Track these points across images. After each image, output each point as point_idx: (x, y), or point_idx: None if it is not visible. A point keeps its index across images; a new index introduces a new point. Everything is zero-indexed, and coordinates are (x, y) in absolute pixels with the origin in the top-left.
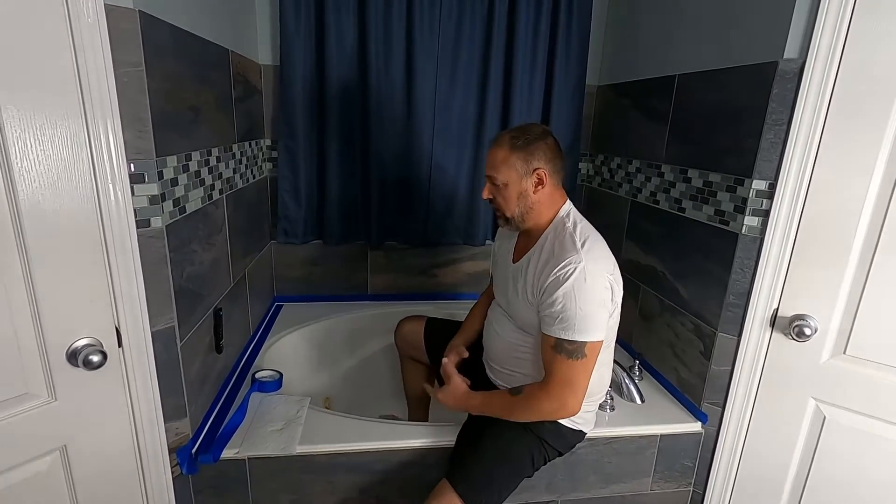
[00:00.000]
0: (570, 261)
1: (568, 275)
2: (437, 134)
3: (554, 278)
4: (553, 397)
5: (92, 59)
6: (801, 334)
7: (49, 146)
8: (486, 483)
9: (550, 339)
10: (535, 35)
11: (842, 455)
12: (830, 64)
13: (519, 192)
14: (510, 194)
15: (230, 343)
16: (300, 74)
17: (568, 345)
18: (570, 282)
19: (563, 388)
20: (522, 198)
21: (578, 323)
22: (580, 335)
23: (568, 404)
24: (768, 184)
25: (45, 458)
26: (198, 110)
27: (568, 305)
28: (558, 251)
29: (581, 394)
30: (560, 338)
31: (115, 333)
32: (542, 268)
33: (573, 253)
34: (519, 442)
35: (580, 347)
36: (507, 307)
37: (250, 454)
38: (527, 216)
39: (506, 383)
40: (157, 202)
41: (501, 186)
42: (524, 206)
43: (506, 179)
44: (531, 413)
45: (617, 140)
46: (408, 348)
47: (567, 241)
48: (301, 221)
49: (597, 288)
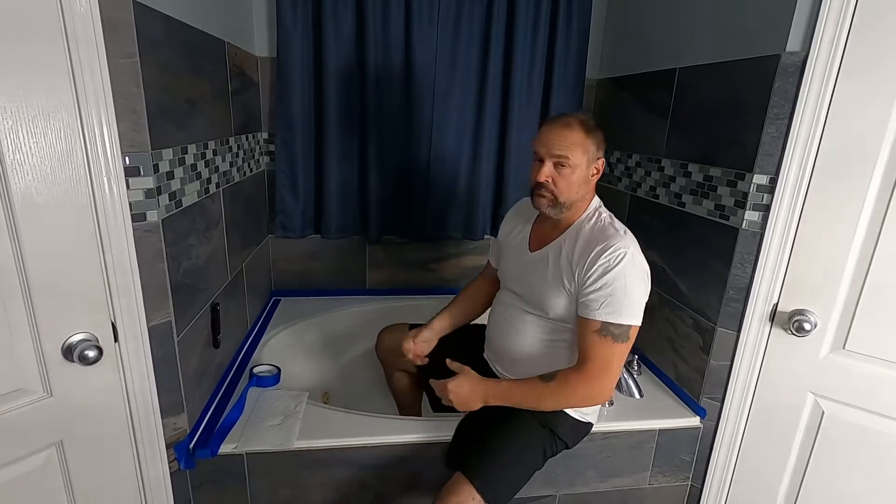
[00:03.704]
0: (619, 246)
1: (619, 259)
2: (435, 127)
3: (604, 262)
4: (590, 381)
5: (85, 49)
6: (800, 329)
7: (42, 138)
8: (503, 477)
9: (594, 322)
10: (534, 27)
11: (840, 450)
12: (833, 57)
13: (584, 178)
14: (576, 178)
15: (228, 338)
16: (297, 67)
17: (615, 328)
18: (620, 266)
19: (602, 372)
20: (584, 184)
21: (626, 306)
22: (628, 318)
23: (605, 389)
24: (769, 178)
25: (41, 453)
26: (193, 103)
27: (618, 289)
28: (601, 237)
29: (615, 379)
30: (607, 321)
31: (112, 328)
32: (580, 253)
33: (621, 239)
34: (533, 434)
35: (626, 331)
36: (528, 297)
37: (248, 449)
38: (576, 203)
39: (517, 377)
40: (152, 196)
41: (568, 169)
42: (581, 193)
43: (578, 162)
44: (564, 399)
45: (617, 134)
46: (392, 360)
47: (609, 228)
48: (299, 215)
49: (643, 274)
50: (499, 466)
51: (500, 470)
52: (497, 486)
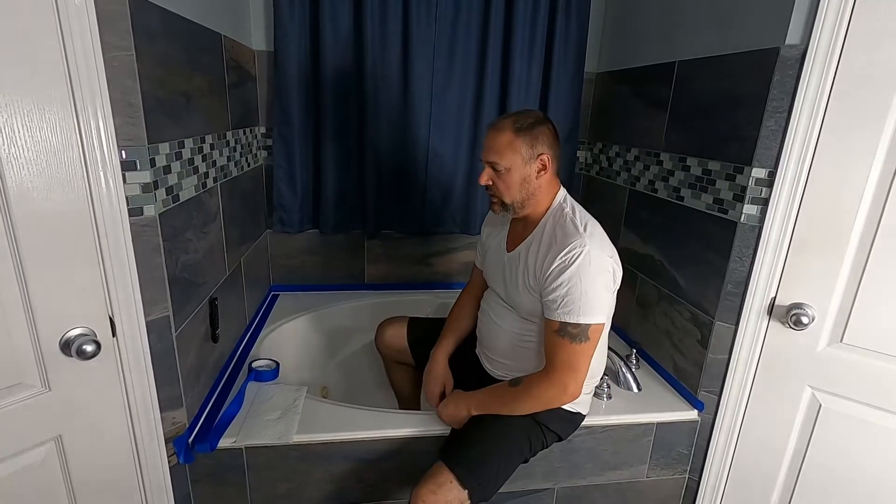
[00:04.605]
0: (575, 245)
1: (574, 258)
2: (433, 121)
3: (560, 262)
4: (555, 382)
5: (80, 42)
6: (798, 323)
7: (37, 132)
8: (481, 464)
9: (554, 323)
10: (533, 20)
11: (837, 443)
12: (833, 50)
13: (523, 178)
14: (513, 180)
15: (226, 332)
16: (295, 61)
17: (572, 328)
18: (575, 265)
19: (564, 372)
20: (525, 183)
21: (583, 306)
22: (584, 318)
23: (569, 389)
24: (768, 172)
25: (40, 448)
26: (190, 96)
27: (573, 289)
28: (560, 236)
29: (582, 378)
30: (564, 321)
31: (109, 323)
32: (544, 254)
33: (577, 237)
34: (515, 424)
35: (584, 330)
36: (506, 297)
37: (247, 443)
38: (527, 202)
39: (507, 374)
40: (149, 190)
41: (503, 171)
42: (526, 192)
43: (509, 164)
44: (534, 402)
45: (615, 128)
46: (391, 353)
47: (569, 225)
48: (297, 210)
49: (601, 271)
50: (478, 453)
51: (478, 456)
52: (477, 473)
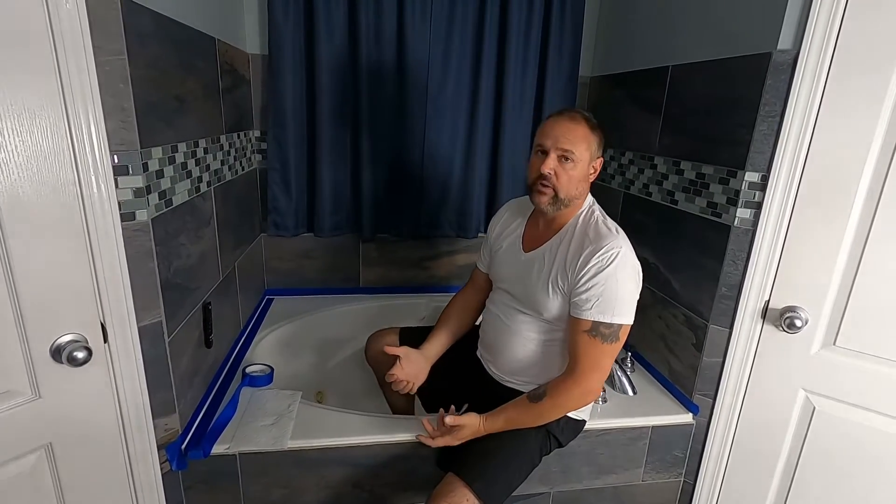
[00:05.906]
0: (612, 246)
1: (612, 259)
2: (428, 125)
3: (597, 262)
4: (580, 382)
5: (71, 45)
6: (791, 326)
7: (28, 136)
8: (500, 478)
9: (585, 322)
10: (528, 24)
11: (831, 445)
12: (824, 55)
13: (584, 175)
14: (577, 174)
15: (220, 337)
16: (289, 64)
17: (605, 328)
18: (612, 266)
19: (591, 372)
20: (583, 181)
21: (617, 306)
22: (618, 318)
23: (594, 388)
24: (761, 176)
25: (30, 456)
26: (183, 100)
27: (609, 288)
28: (594, 237)
29: (604, 378)
30: (597, 320)
31: (101, 329)
32: (575, 253)
33: (613, 238)
34: (529, 434)
35: (616, 331)
36: (522, 297)
37: (241, 449)
38: (574, 201)
39: (513, 377)
40: (142, 195)
41: (571, 163)
42: (579, 190)
43: (582, 157)
44: (562, 408)
45: (610, 131)
46: (382, 367)
47: (602, 227)
48: (292, 214)
49: (634, 273)
50: (495, 467)
51: (495, 471)
52: (493, 488)
